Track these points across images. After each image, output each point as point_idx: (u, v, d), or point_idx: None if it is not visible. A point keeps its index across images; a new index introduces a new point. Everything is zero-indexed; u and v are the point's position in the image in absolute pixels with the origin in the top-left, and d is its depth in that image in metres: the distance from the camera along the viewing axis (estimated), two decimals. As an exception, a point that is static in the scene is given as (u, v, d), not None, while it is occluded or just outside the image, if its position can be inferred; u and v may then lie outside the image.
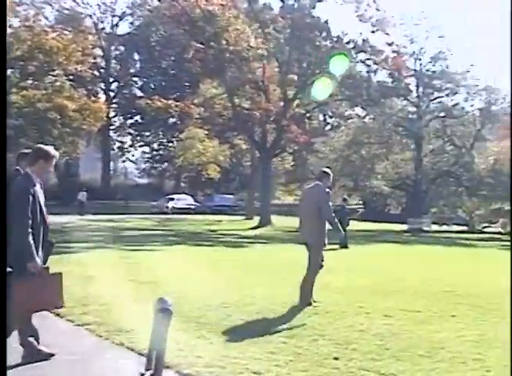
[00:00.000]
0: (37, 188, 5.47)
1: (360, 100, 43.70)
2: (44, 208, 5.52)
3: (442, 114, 51.33)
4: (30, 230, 5.24)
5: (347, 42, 39.49)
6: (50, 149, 5.67)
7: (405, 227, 41.38)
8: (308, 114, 44.02)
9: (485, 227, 46.58)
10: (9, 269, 5.10)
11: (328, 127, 69.13)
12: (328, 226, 8.63)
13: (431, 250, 23.71)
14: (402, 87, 44.36)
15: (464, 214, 49.98)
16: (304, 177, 58.14)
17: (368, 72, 42.82)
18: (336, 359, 5.65)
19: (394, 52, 40.79)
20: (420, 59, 50.58)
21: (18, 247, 5.21)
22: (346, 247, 20.99)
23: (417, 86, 50.94)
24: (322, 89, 36.50)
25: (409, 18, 49.24)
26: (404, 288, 10.86)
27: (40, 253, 5.39)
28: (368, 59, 41.12)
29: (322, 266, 8.83)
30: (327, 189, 8.66)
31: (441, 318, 8.04)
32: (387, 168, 52.37)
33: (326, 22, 40.66)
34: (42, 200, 5.53)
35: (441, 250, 24.11)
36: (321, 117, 68.62)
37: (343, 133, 53.97)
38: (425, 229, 41.78)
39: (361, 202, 63.89)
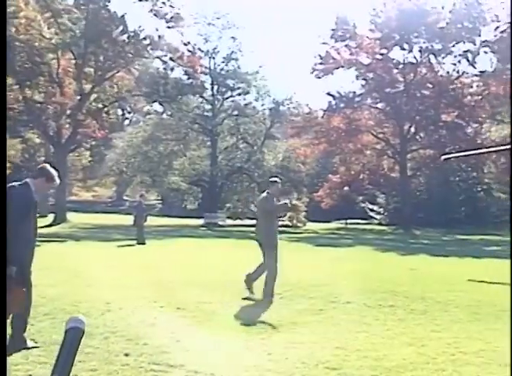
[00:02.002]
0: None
1: (157, 96, 43.86)
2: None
3: (236, 113, 53.41)
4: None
5: (144, 38, 39.33)
6: (54, 173, 6.20)
7: (201, 222, 42.45)
8: (105, 109, 43.09)
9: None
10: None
11: (127, 122, 68.33)
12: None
13: (225, 243, 24.67)
14: (197, 85, 45.41)
15: (256, 209, 52.58)
16: (102, 173, 56.84)
17: (165, 69, 43.13)
18: (126, 355, 5.69)
19: (189, 50, 41.58)
20: (214, 58, 52.14)
21: (9, 248, 5.24)
22: (143, 243, 21.04)
23: (212, 84, 52.42)
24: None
25: (203, 17, 50.51)
26: (197, 281, 11.20)
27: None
28: (164, 55, 41.42)
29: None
30: (274, 197, 9.80)
31: (232, 307, 8.48)
32: (184, 165, 53.21)
33: (123, 16, 40.06)
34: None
35: (234, 242, 25.20)
36: (119, 112, 67.52)
37: (141, 129, 53.72)
38: (220, 223, 43.30)
39: (159, 198, 64.13)
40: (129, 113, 69.16)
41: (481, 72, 44.62)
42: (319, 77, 44.56)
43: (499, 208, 53.09)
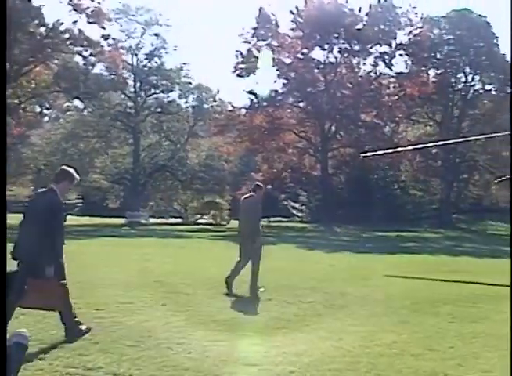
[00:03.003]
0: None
1: (77, 93, 42.77)
2: None
3: (159, 110, 52.90)
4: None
5: (63, 32, 38.22)
6: (73, 171, 6.60)
7: (123, 221, 41.79)
8: (22, 105, 41.56)
9: (198, 219, 49.37)
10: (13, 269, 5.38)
11: (45, 119, 66.13)
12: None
13: (148, 242, 24.40)
14: (119, 81, 44.65)
15: (179, 207, 52.31)
16: (18, 171, 54.80)
17: (85, 64, 42.12)
18: (41, 360, 5.55)
19: (110, 45, 40.76)
20: (137, 55, 51.39)
21: (44, 250, 6.02)
22: (62, 243, 20.48)
23: (134, 81, 51.69)
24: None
25: (124, 13, 49.65)
26: (118, 281, 11.04)
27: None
28: (85, 50, 40.45)
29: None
30: (260, 200, 10.43)
31: (152, 307, 8.42)
32: (106, 162, 52.21)
33: (40, 8, 38.76)
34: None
35: (157, 242, 24.97)
36: (37, 109, 65.24)
37: (60, 126, 52.24)
38: (143, 222, 42.81)
39: (80, 196, 62.58)
40: (48, 109, 66.94)
41: (397, 74, 46.25)
42: (241, 76, 44.77)
43: (414, 206, 55.29)
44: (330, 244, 26.04)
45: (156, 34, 50.54)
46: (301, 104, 47.40)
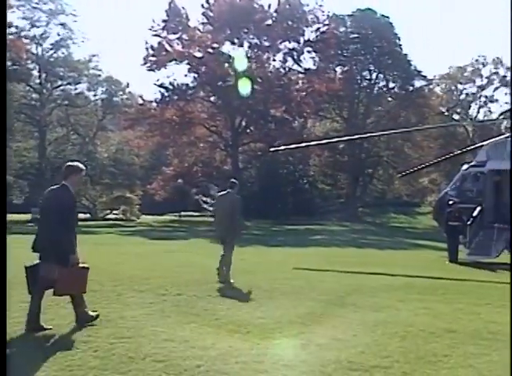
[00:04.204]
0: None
1: (-23, 83, 40.67)
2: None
3: (66, 102, 51.22)
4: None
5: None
6: (78, 164, 7.13)
7: (29, 217, 40.26)
8: None
9: (108, 214, 48.38)
10: (36, 261, 6.80)
11: None
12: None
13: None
14: (23, 72, 42.87)
15: (88, 202, 51.01)
16: None
17: (-15, 53, 40.12)
18: None
19: (12, 34, 39.04)
20: (42, 45, 49.45)
21: (63, 242, 6.63)
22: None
23: (40, 72, 49.75)
24: None
25: (27, 0, 47.59)
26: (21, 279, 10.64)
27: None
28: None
29: None
30: (237, 196, 11.12)
31: (53, 308, 8.15)
32: (9, 157, 49.99)
33: None
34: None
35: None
36: None
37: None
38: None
39: (-20, 192, 59.68)
40: None
41: (305, 70, 47.17)
42: (152, 70, 44.16)
43: (322, 199, 56.71)
44: (241, 238, 26.21)
45: (62, 24, 48.83)
46: (212, 98, 47.37)
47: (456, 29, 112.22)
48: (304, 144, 31.14)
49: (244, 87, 40.52)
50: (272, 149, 30.77)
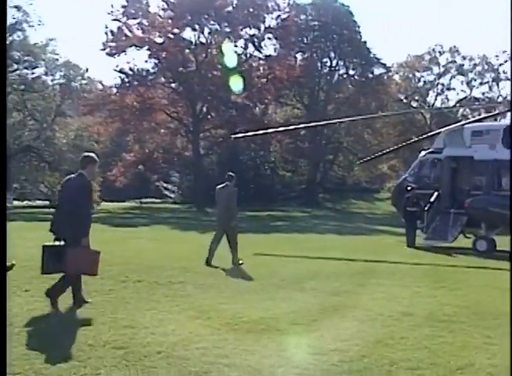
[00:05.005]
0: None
1: None
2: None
3: (22, 87, 49.94)
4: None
5: None
6: (93, 155, 7.69)
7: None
8: None
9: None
10: (62, 243, 7.31)
11: None
12: None
13: (12, 226, 23.17)
14: (-24, 56, 41.63)
15: (46, 189, 50.11)
16: None
17: None
18: None
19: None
20: (-4, 28, 48.04)
21: (78, 225, 7.16)
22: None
23: (-6, 56, 48.42)
24: None
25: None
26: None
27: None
28: None
29: None
30: (235, 188, 12.24)
31: (12, 297, 8.03)
32: (-38, 143, 48.73)
33: None
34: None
35: (21, 226, 23.79)
36: None
37: None
38: (8, 205, 40.56)
39: None
40: None
41: (266, 56, 47.11)
42: (111, 55, 43.43)
43: (283, 186, 56.97)
44: (202, 224, 26.19)
45: (16, 7, 47.43)
46: (173, 85, 46.86)
47: (415, 18, 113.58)
48: (265, 130, 31.15)
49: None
50: (233, 135, 30.66)
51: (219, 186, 12.41)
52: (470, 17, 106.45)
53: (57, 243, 7.38)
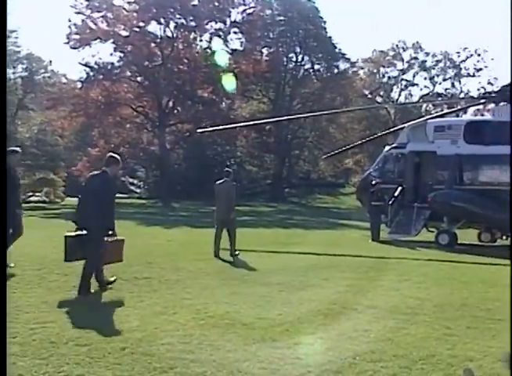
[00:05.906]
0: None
1: None
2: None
3: (-18, 81, 48.96)
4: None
5: None
6: (117, 157, 8.41)
7: None
8: None
9: (30, 197, 46.87)
10: (84, 232, 7.90)
11: None
12: None
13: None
14: None
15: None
16: None
17: None
18: None
19: None
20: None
21: (104, 217, 7.82)
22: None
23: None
24: None
25: None
26: None
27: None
28: None
29: None
30: (233, 183, 13.22)
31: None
32: None
33: None
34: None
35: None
36: None
37: None
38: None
39: None
40: None
41: (232, 50, 47.01)
42: (75, 48, 42.81)
43: (250, 181, 57.02)
44: (168, 219, 26.12)
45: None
46: (139, 79, 46.46)
47: (379, 13, 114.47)
48: (231, 125, 31.15)
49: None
50: (199, 130, 30.62)
51: (218, 182, 13.27)
52: (432, 13, 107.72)
53: (79, 232, 7.96)
